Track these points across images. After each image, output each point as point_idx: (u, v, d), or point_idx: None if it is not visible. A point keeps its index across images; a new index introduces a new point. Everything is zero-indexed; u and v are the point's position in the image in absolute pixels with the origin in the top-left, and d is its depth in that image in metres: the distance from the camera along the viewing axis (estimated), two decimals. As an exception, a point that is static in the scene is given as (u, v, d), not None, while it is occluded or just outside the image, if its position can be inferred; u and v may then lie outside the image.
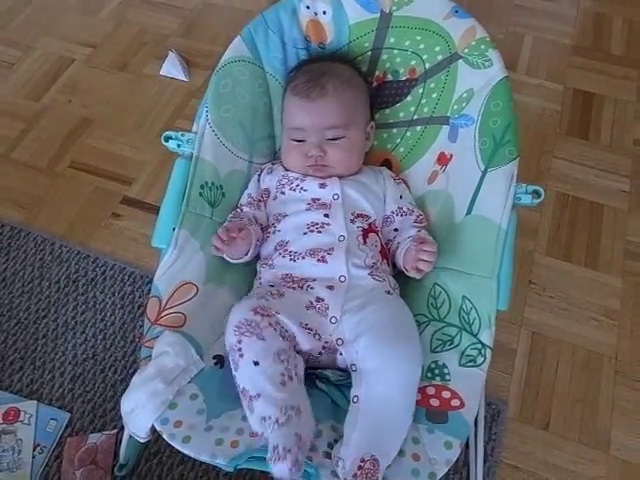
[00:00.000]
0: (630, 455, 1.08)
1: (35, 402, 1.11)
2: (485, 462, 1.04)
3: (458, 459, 1.04)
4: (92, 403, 1.12)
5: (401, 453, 0.71)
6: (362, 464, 0.68)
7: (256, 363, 0.72)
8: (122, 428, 1.05)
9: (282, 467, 0.64)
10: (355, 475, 0.68)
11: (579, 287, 1.29)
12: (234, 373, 0.74)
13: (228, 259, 0.89)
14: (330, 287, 0.83)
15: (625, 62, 1.71)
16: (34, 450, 1.06)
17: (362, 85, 1.00)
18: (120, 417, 1.10)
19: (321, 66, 0.97)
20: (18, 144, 1.53)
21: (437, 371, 0.78)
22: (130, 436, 1.00)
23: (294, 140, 0.96)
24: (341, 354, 0.80)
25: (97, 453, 1.06)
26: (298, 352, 0.79)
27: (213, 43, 1.77)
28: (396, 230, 0.95)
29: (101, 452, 1.06)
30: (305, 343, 0.79)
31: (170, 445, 1.06)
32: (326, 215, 0.90)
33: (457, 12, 0.93)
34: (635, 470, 1.06)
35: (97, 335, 1.20)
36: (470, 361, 0.78)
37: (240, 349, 0.73)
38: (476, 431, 1.01)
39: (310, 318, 0.80)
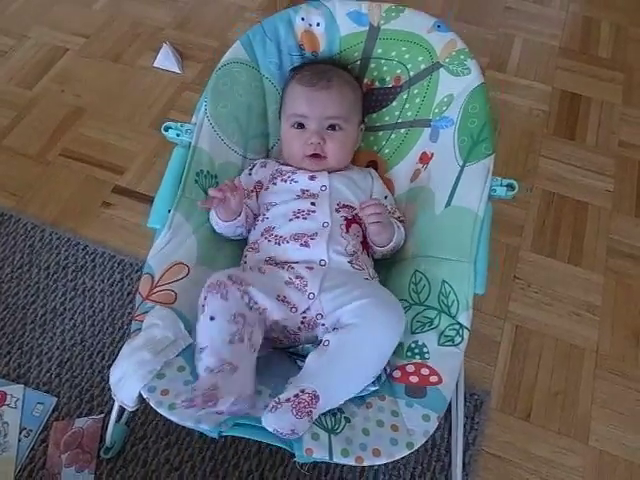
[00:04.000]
0: (608, 446, 1.10)
1: (22, 386, 1.12)
2: (467, 451, 1.07)
3: (440, 447, 1.08)
4: (79, 388, 1.12)
5: (380, 424, 0.74)
6: (300, 393, 0.70)
7: (212, 318, 0.75)
8: (108, 412, 1.06)
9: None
10: (288, 400, 0.70)
11: (562, 283, 1.31)
12: (196, 328, 0.78)
13: (216, 219, 0.92)
14: (310, 268, 0.86)
15: (612, 65, 1.75)
16: (20, 433, 1.06)
17: (359, 89, 1.06)
18: (107, 402, 1.11)
19: (325, 65, 1.04)
20: (10, 132, 1.54)
21: (417, 350, 0.81)
22: (116, 420, 1.01)
23: (294, 127, 1.00)
24: (323, 324, 0.82)
25: (83, 437, 1.07)
26: (272, 324, 0.81)
27: (207, 36, 1.78)
28: None
29: (87, 436, 1.07)
30: (278, 313, 0.81)
31: (156, 430, 1.09)
32: (313, 203, 0.94)
33: (439, 27, 1.00)
34: (613, 460, 1.09)
35: (86, 321, 1.21)
36: (448, 340, 0.81)
37: (204, 305, 0.77)
38: (457, 420, 1.03)
39: (288, 292, 0.83)
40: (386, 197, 1.03)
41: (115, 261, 1.30)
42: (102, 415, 1.09)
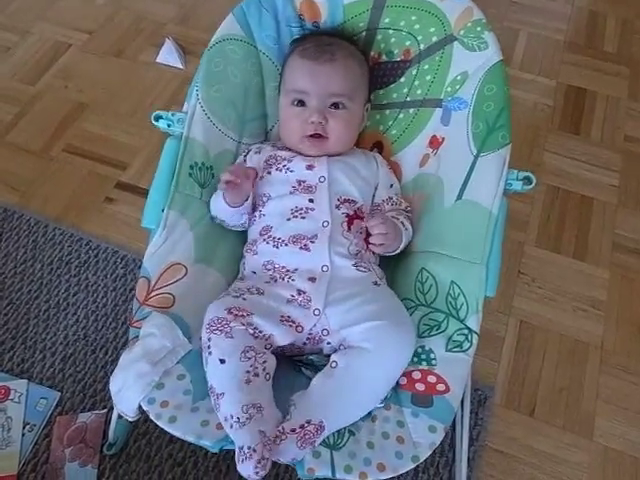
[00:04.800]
0: (613, 442, 1.10)
1: (26, 381, 1.12)
2: (471, 446, 1.06)
3: (444, 442, 1.07)
4: (82, 383, 1.12)
5: (385, 435, 0.71)
6: (305, 424, 0.68)
7: (222, 361, 0.72)
8: (112, 408, 1.06)
9: (247, 466, 0.65)
10: (293, 430, 0.68)
11: (567, 278, 1.30)
12: (205, 369, 0.74)
13: (224, 205, 0.88)
14: (312, 279, 0.81)
15: (617, 59, 1.73)
16: (24, 428, 1.06)
17: (366, 64, 0.99)
18: (110, 397, 1.10)
19: (330, 37, 0.96)
20: (13, 127, 1.53)
21: (423, 356, 0.78)
22: (119, 416, 1.00)
23: (294, 104, 0.93)
24: (329, 343, 0.80)
25: (86, 432, 1.07)
26: (278, 347, 0.78)
27: (210, 31, 1.73)
28: None
29: (90, 431, 1.07)
30: (285, 338, 0.77)
31: (159, 425, 1.09)
32: (311, 200, 0.88)
33: None
34: (617, 456, 1.08)
35: (89, 316, 1.21)
36: (456, 346, 0.78)
37: (209, 346, 0.73)
38: (462, 415, 1.03)
39: (291, 310, 0.79)
40: (391, 186, 0.96)
41: (118, 256, 1.30)
42: (105, 410, 1.09)
